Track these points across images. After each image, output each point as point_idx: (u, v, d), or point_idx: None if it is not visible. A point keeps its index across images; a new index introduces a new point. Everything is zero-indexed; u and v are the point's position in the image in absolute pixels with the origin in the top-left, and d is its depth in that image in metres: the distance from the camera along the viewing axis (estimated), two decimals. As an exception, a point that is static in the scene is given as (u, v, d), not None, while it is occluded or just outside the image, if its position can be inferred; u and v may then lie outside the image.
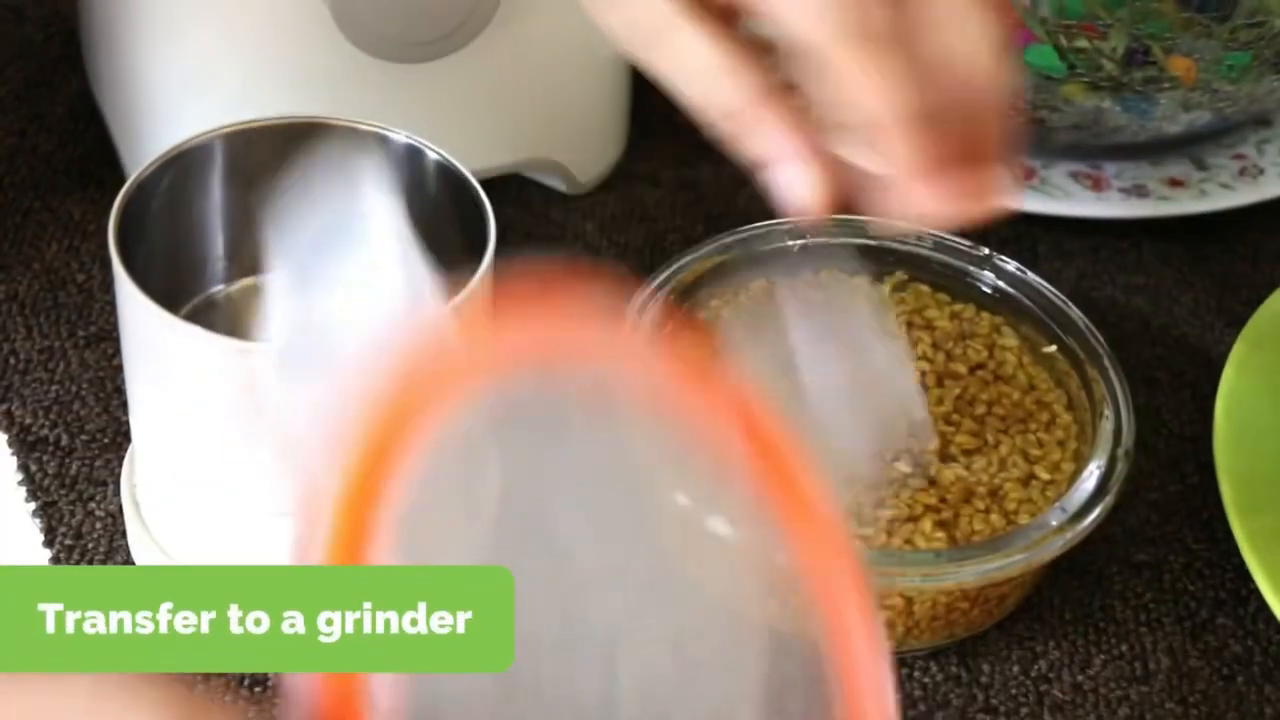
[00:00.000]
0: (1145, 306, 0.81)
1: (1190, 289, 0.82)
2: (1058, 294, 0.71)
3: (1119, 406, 0.68)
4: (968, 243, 0.73)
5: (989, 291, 0.72)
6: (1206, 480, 0.74)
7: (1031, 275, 0.72)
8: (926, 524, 0.64)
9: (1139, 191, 0.84)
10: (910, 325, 0.71)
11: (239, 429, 0.61)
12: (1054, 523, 0.64)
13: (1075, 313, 0.71)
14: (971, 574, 0.62)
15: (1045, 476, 0.67)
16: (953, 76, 0.51)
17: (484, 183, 0.65)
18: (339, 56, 0.73)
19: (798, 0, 0.51)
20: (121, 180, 0.80)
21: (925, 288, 0.73)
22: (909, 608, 0.64)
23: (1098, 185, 0.84)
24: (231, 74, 0.75)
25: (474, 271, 0.61)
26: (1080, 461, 0.67)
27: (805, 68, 0.52)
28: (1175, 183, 0.85)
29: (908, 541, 0.64)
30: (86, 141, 0.83)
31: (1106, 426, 0.67)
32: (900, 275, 0.73)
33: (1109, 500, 0.65)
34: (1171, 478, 0.74)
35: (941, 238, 0.72)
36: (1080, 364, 0.69)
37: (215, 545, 0.65)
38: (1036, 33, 0.80)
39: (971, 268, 0.72)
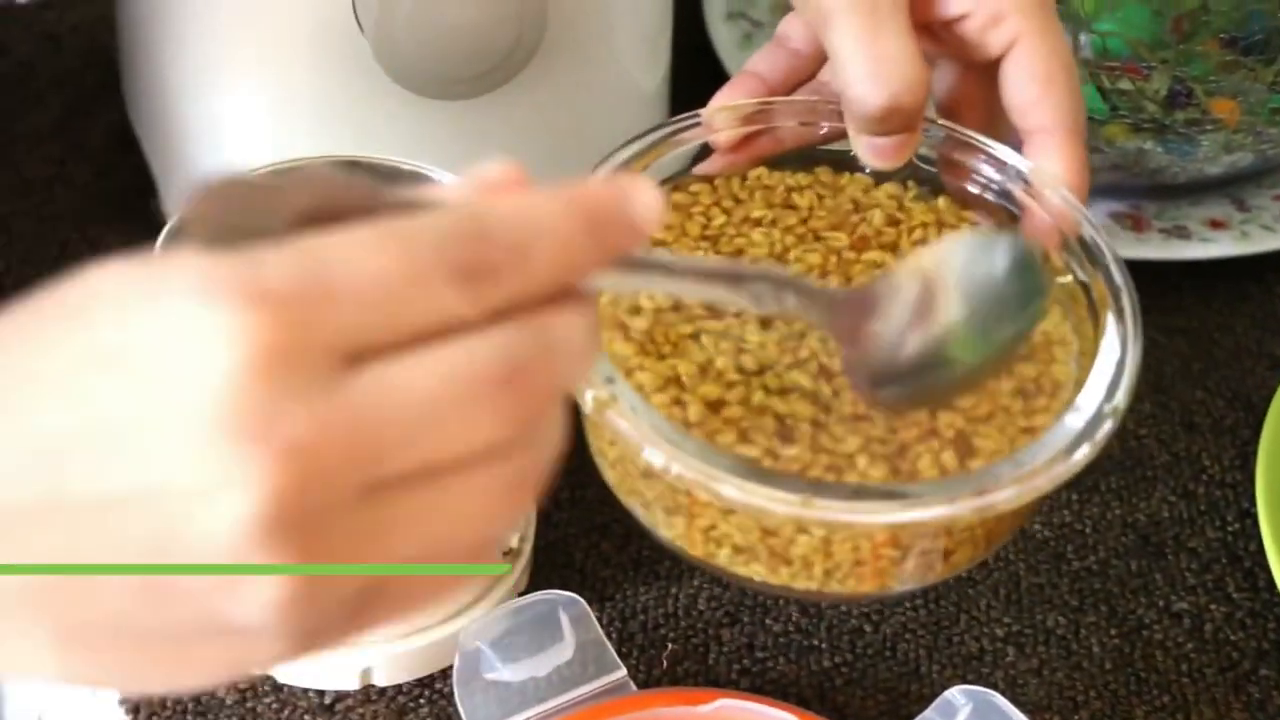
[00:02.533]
0: (1185, 349, 0.81)
1: (1231, 332, 0.82)
2: (1092, 221, 0.61)
3: (1124, 356, 0.57)
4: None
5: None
6: (1249, 527, 0.73)
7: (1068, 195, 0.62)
8: (862, 459, 0.56)
9: (1179, 233, 0.84)
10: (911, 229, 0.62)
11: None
12: (1003, 473, 0.54)
13: (1106, 244, 0.61)
14: (881, 519, 0.53)
15: (1022, 423, 0.57)
16: None
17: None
18: (379, 93, 0.73)
19: None
20: (159, 212, 0.80)
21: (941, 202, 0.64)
22: (826, 546, 0.56)
23: (1138, 226, 0.84)
24: (270, 107, 0.75)
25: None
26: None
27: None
28: (1216, 224, 0.84)
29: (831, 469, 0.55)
30: (124, 172, 0.83)
31: (1101, 376, 0.57)
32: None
33: (1075, 461, 0.55)
34: (1212, 525, 0.74)
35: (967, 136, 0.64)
36: (1093, 302, 0.60)
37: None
38: (1079, 74, 0.79)
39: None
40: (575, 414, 0.58)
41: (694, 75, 0.80)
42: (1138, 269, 0.82)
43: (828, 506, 0.53)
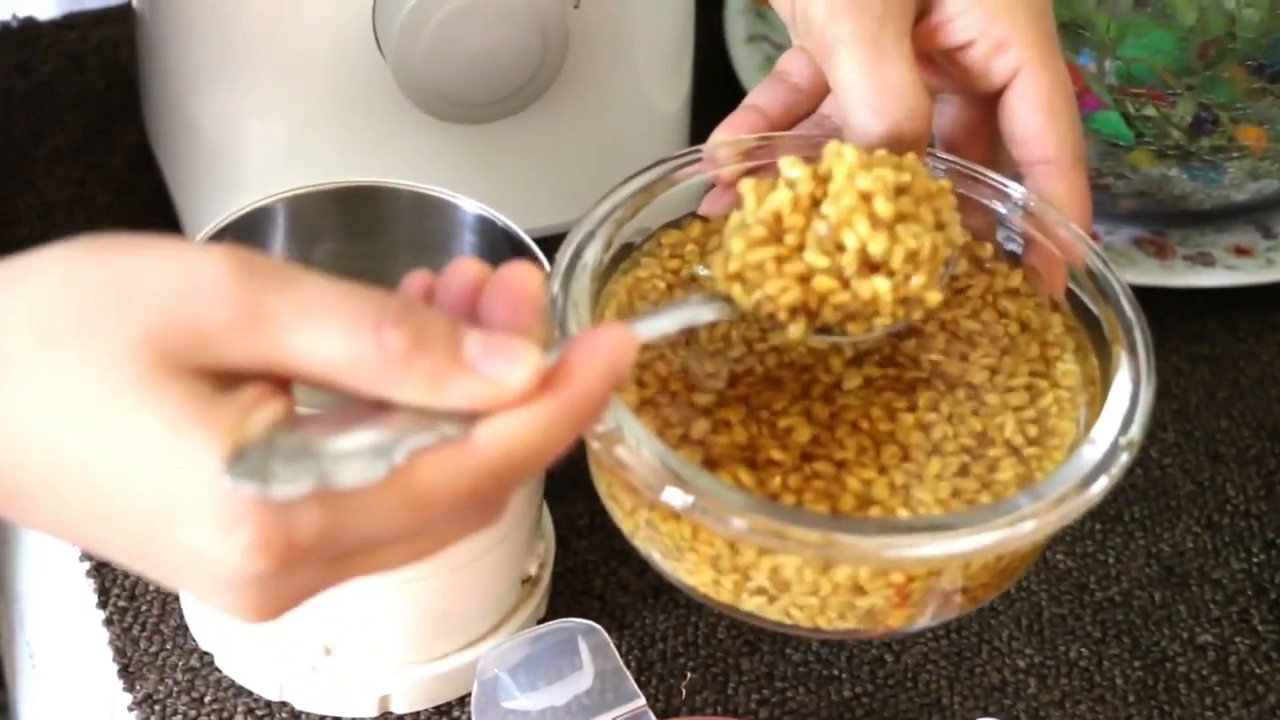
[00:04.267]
0: (1209, 377, 0.80)
1: (1256, 360, 0.81)
2: (1099, 252, 0.60)
3: (1138, 389, 0.56)
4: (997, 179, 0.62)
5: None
6: (1274, 559, 0.73)
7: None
8: (853, 480, 0.54)
9: (1204, 260, 0.83)
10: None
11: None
12: (1021, 506, 0.53)
13: (1115, 276, 0.59)
14: (867, 555, 0.52)
15: (1023, 447, 0.56)
16: None
17: (544, 240, 0.65)
18: (400, 116, 0.72)
19: None
20: (178, 233, 0.80)
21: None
22: (843, 580, 0.54)
23: (1162, 253, 0.83)
24: (290, 131, 0.75)
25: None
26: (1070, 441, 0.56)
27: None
28: (1241, 251, 0.84)
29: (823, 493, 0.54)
30: (144, 192, 0.83)
31: (1115, 409, 0.55)
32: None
33: (1091, 494, 0.53)
34: (1237, 556, 0.73)
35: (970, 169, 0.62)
36: (1104, 336, 0.58)
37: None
38: (1104, 99, 0.79)
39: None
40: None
41: (715, 98, 0.80)
42: (1161, 296, 0.82)
43: (848, 543, 0.52)
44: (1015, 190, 0.61)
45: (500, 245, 0.65)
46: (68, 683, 0.73)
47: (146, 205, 0.83)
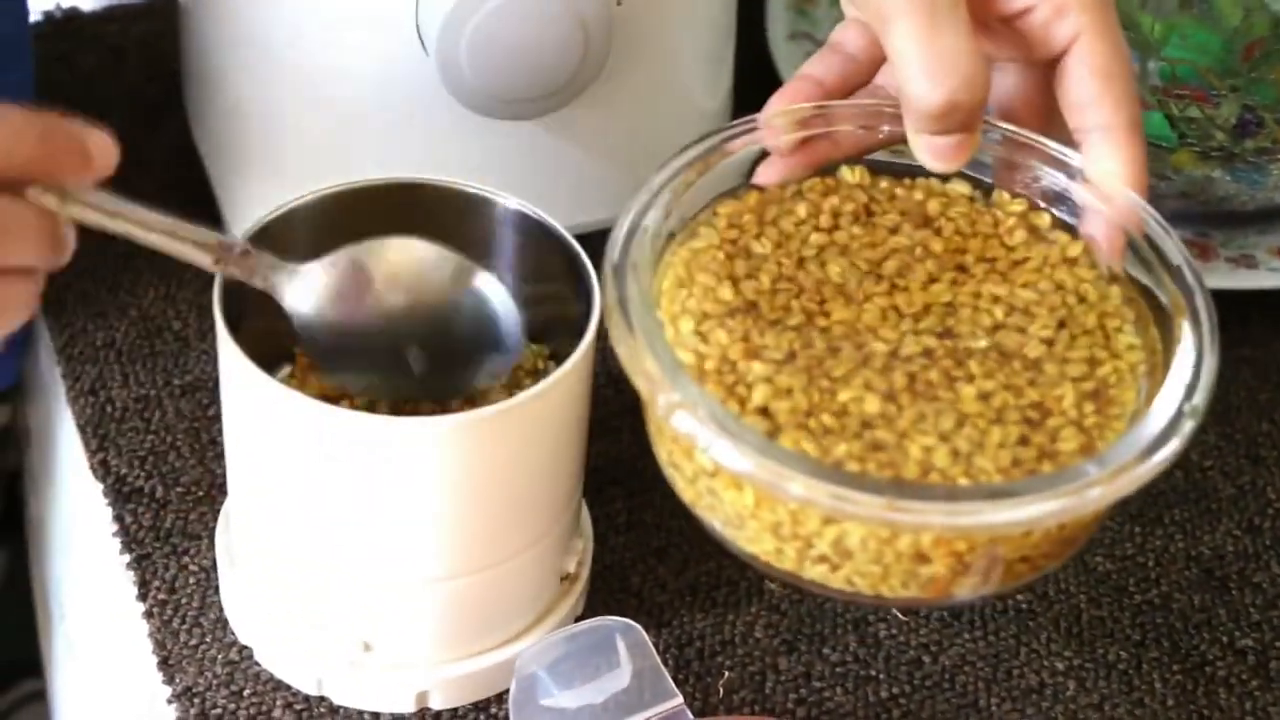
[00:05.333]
0: (1251, 380, 0.80)
1: (1299, 363, 0.81)
2: (1160, 219, 0.60)
3: (1201, 356, 0.57)
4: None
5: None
6: (1314, 564, 0.72)
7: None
8: (914, 447, 0.54)
9: (1247, 262, 0.83)
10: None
11: (333, 494, 0.61)
12: (1088, 473, 0.53)
13: (1176, 243, 0.60)
14: (932, 522, 0.52)
15: (1084, 418, 0.56)
16: None
17: (586, 237, 0.65)
18: (443, 113, 0.72)
19: None
20: (221, 227, 0.80)
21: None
22: (894, 547, 0.55)
23: (1205, 254, 0.83)
24: (334, 127, 0.75)
25: (580, 336, 0.61)
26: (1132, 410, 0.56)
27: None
28: (1284, 253, 0.83)
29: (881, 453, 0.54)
30: (186, 187, 0.83)
31: (1179, 377, 0.56)
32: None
33: (1158, 460, 0.54)
34: (1277, 560, 0.73)
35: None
36: (1162, 304, 0.59)
37: (309, 607, 0.64)
38: (1148, 100, 0.79)
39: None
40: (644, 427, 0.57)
41: (756, 95, 0.79)
42: (1204, 297, 0.82)
43: (914, 509, 0.52)
44: (1074, 158, 0.61)
45: (541, 242, 0.65)
46: (106, 675, 0.73)
47: (189, 199, 0.82)
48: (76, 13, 0.91)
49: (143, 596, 0.68)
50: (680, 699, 0.64)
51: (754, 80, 0.86)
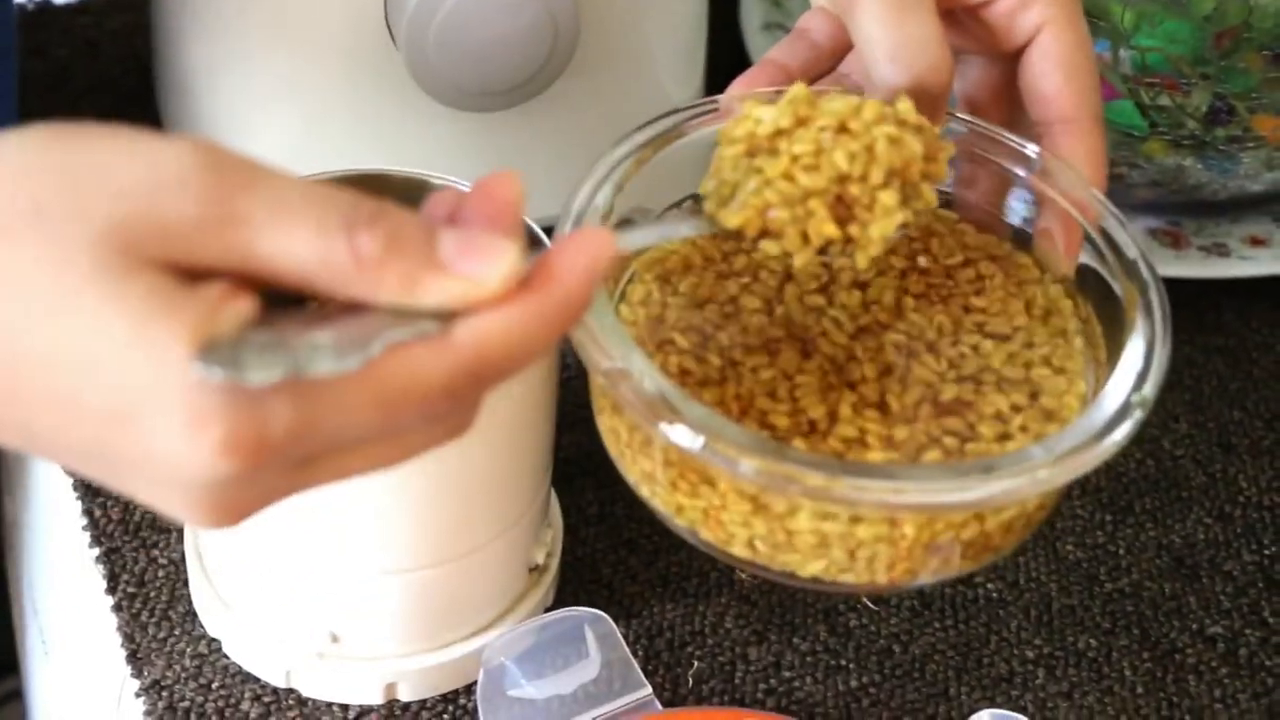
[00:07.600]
0: (1223, 368, 0.80)
1: (1270, 351, 0.81)
2: (1117, 214, 0.60)
3: (1153, 348, 0.56)
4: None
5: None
6: (1285, 551, 0.73)
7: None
8: (849, 428, 0.55)
9: (1219, 250, 0.83)
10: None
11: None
12: (1035, 457, 0.53)
13: (1131, 236, 0.59)
14: (873, 500, 0.52)
15: (1034, 408, 0.56)
16: None
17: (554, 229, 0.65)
18: (412, 105, 0.72)
19: None
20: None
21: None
22: (850, 530, 0.54)
23: (1177, 243, 0.83)
24: (303, 118, 0.75)
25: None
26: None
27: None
28: (1256, 241, 0.83)
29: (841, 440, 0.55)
30: (158, 179, 0.83)
31: (1129, 367, 0.55)
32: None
33: (1104, 447, 0.53)
34: (1249, 548, 0.73)
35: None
36: (1115, 295, 0.58)
37: (276, 599, 0.64)
38: (1119, 89, 0.79)
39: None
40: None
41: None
42: (1175, 286, 0.81)
43: (859, 486, 0.52)
44: (1032, 150, 0.61)
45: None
46: (78, 669, 0.73)
47: (160, 191, 0.83)
48: (50, 5, 0.91)
49: (112, 589, 0.68)
50: (649, 689, 0.64)
51: (728, 72, 0.85)
